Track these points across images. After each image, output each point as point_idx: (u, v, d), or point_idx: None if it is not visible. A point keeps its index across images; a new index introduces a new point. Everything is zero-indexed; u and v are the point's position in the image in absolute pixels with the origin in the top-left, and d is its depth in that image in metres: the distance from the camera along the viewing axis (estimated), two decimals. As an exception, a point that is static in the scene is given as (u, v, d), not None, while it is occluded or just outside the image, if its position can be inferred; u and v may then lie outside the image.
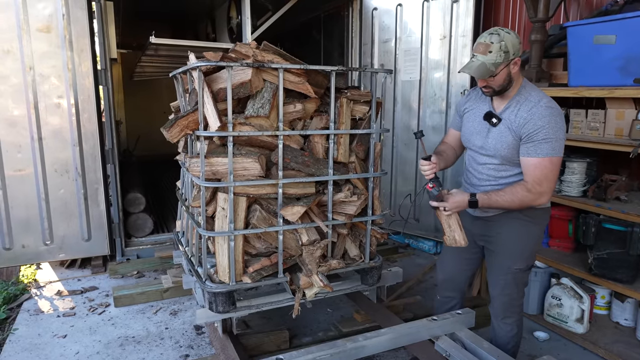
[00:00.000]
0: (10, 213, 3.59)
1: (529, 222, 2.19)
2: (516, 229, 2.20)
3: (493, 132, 2.14)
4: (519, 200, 2.04)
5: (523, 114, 2.04)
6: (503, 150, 2.11)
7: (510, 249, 2.24)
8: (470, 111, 2.30)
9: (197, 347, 2.88)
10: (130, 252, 4.20)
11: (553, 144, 1.98)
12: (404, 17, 4.39)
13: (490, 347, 2.38)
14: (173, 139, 2.40)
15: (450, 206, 2.14)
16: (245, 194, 2.34)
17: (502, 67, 2.01)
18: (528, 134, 2.01)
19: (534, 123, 1.99)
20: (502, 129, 2.11)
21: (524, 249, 2.24)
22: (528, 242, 2.24)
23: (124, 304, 3.37)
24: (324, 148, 2.52)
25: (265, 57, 2.35)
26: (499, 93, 2.10)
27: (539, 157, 2.00)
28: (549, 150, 1.99)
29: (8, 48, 3.44)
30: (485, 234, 2.32)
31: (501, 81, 2.04)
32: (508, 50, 1.99)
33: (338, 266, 2.57)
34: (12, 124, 3.51)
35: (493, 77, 2.03)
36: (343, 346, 2.26)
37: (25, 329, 3.06)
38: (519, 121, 2.05)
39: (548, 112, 2.00)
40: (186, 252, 2.89)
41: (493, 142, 2.14)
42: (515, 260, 2.24)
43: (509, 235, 2.22)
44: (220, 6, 5.56)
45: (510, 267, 2.25)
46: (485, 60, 2.00)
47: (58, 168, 3.70)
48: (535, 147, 2.00)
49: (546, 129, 1.97)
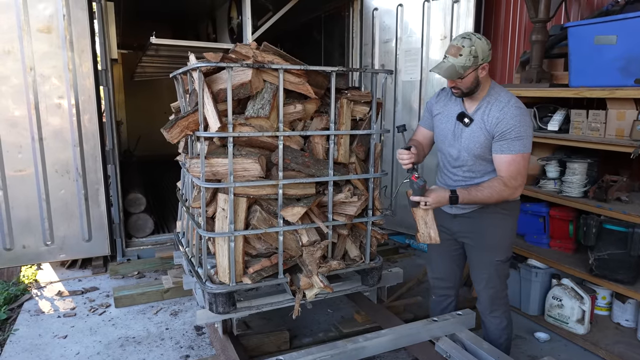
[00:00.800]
0: (11, 213, 3.60)
1: (506, 215, 2.29)
2: (495, 222, 2.28)
3: (466, 132, 2.23)
4: (497, 195, 2.13)
5: (495, 113, 2.14)
6: (476, 150, 2.20)
7: (491, 242, 2.32)
8: (441, 113, 2.37)
9: (197, 347, 2.88)
10: (131, 253, 4.20)
11: (524, 141, 2.10)
12: (405, 18, 4.39)
13: (490, 348, 2.38)
14: (173, 139, 2.40)
15: (431, 201, 2.15)
16: (245, 194, 2.34)
17: (470, 71, 2.11)
18: (501, 133, 2.11)
19: (506, 122, 2.09)
20: (475, 128, 2.20)
21: (503, 241, 2.33)
22: (506, 234, 2.33)
23: (124, 304, 3.38)
24: (324, 149, 2.52)
25: (266, 58, 2.35)
26: (467, 94, 2.20)
27: (512, 153, 2.10)
28: (520, 147, 2.09)
29: (9, 49, 3.44)
30: (465, 230, 2.37)
31: (469, 83, 2.15)
32: (477, 55, 2.09)
33: (338, 267, 2.57)
34: (12, 124, 3.52)
35: (461, 79, 2.13)
36: (343, 347, 2.26)
37: (25, 329, 3.07)
38: (491, 120, 2.14)
39: (518, 112, 2.11)
40: (186, 253, 2.89)
41: (466, 142, 2.23)
42: (496, 252, 2.32)
43: (489, 229, 2.30)
44: (220, 6, 5.56)
45: (492, 259, 2.33)
46: (455, 62, 2.09)
47: (59, 168, 3.70)
48: (509, 145, 2.10)
49: (518, 128, 2.08)
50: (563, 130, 3.15)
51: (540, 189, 3.21)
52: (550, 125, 3.20)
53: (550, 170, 3.18)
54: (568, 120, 3.13)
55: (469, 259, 2.46)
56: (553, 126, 3.19)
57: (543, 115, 3.32)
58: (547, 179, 3.19)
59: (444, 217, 2.40)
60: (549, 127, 3.21)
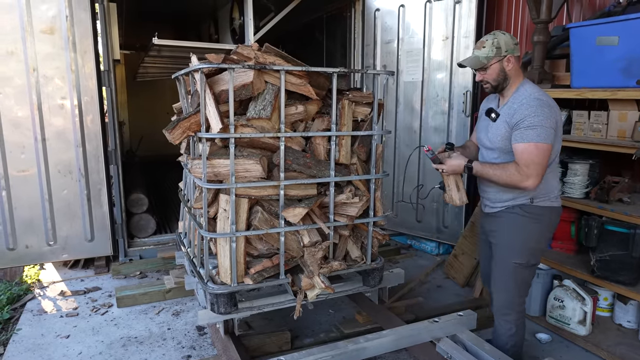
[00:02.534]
0: (14, 213, 3.61)
1: (528, 218, 2.29)
2: (514, 223, 2.32)
3: (492, 127, 2.32)
4: (507, 176, 2.17)
5: (514, 106, 2.21)
6: (499, 142, 2.27)
7: (509, 242, 2.35)
8: (481, 111, 2.48)
9: (199, 347, 2.88)
10: (133, 253, 4.21)
11: (538, 131, 2.11)
12: (407, 18, 4.39)
13: (491, 349, 2.38)
14: (175, 140, 2.41)
15: (447, 168, 2.34)
16: (247, 195, 2.35)
17: (494, 62, 2.22)
18: (516, 122, 2.17)
19: (520, 112, 2.16)
20: (499, 123, 2.28)
21: (521, 244, 2.33)
22: (526, 237, 2.32)
23: (126, 304, 3.39)
24: (326, 150, 2.52)
25: (267, 59, 2.36)
26: (497, 89, 2.29)
27: (524, 142, 2.14)
28: (533, 136, 2.11)
29: (12, 49, 3.45)
30: (492, 229, 2.44)
31: (495, 75, 2.24)
32: (500, 47, 2.21)
33: (340, 267, 2.57)
34: (16, 124, 3.53)
35: (485, 71, 2.25)
36: (344, 347, 2.27)
37: (28, 329, 3.08)
38: (510, 113, 2.21)
39: (535, 102, 2.15)
40: (188, 253, 2.90)
41: (492, 136, 2.31)
42: (512, 253, 2.34)
43: (508, 229, 2.34)
44: (222, 7, 5.58)
45: (509, 260, 2.35)
46: (479, 54, 2.24)
47: (61, 169, 3.71)
48: (521, 134, 2.15)
49: (531, 117, 2.12)
50: (565, 131, 3.15)
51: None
52: (552, 126, 3.20)
53: (551, 171, 3.18)
54: (570, 121, 3.13)
55: (493, 259, 2.46)
56: (555, 127, 3.18)
57: (545, 116, 3.31)
58: (549, 180, 3.18)
59: (481, 215, 2.57)
60: (551, 128, 3.20)
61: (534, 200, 2.27)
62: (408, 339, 2.47)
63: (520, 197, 2.28)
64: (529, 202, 2.27)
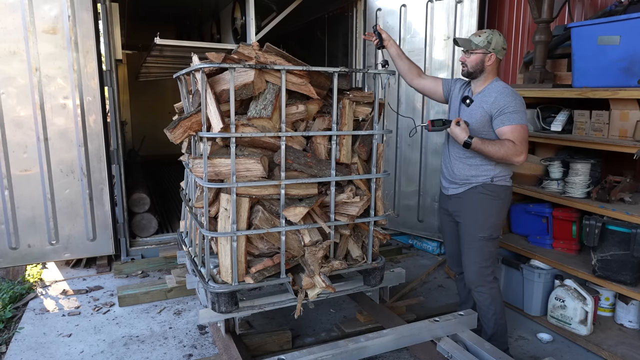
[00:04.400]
0: (16, 213, 3.63)
1: (492, 197, 2.54)
2: (478, 201, 2.55)
3: (466, 111, 2.56)
4: (504, 151, 2.37)
5: (493, 94, 2.46)
6: (472, 124, 2.48)
7: (475, 219, 2.57)
8: (454, 93, 2.70)
9: (200, 346, 2.89)
10: (135, 252, 4.22)
11: (521, 115, 2.41)
12: (408, 18, 4.39)
13: (491, 348, 2.39)
14: (176, 140, 2.41)
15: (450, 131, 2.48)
16: (247, 194, 2.35)
17: (480, 52, 2.46)
18: (499, 109, 2.41)
19: (502, 99, 2.41)
20: (474, 108, 2.52)
21: (486, 219, 2.56)
22: (490, 213, 2.56)
23: (128, 303, 3.40)
24: (327, 149, 2.53)
25: (268, 59, 2.36)
26: (470, 75, 2.53)
27: (512, 124, 2.39)
28: (518, 119, 2.39)
29: (14, 49, 3.47)
30: (457, 209, 2.65)
31: (474, 63, 2.49)
32: (490, 42, 2.46)
33: (340, 267, 2.58)
34: (18, 124, 3.55)
35: (469, 55, 2.48)
36: (345, 347, 2.27)
37: (30, 327, 3.09)
38: (489, 100, 2.46)
39: (512, 92, 2.46)
40: (190, 252, 2.91)
41: (465, 118, 2.52)
42: (479, 228, 2.56)
43: (473, 207, 2.57)
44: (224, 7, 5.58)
45: (475, 234, 2.57)
46: (473, 39, 2.50)
47: (63, 168, 3.73)
48: (509, 117, 2.40)
49: (513, 104, 2.40)
50: (566, 131, 3.15)
51: (544, 189, 3.20)
52: (554, 125, 3.20)
53: (553, 170, 3.18)
54: (571, 120, 3.13)
55: (460, 237, 2.67)
56: (556, 127, 3.19)
57: (546, 115, 3.32)
58: (550, 180, 3.18)
59: (443, 199, 2.77)
60: (552, 128, 3.21)
61: (494, 179, 2.52)
62: (409, 338, 2.47)
63: (482, 176, 2.52)
64: (490, 180, 2.52)
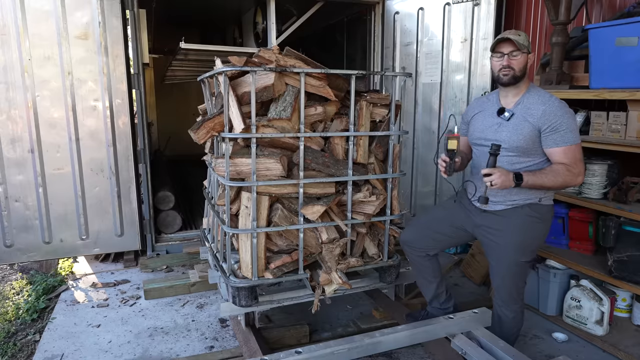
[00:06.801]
0: (49, 209, 3.81)
1: (535, 218, 2.33)
2: (526, 225, 2.33)
3: (507, 126, 2.29)
4: (562, 178, 2.18)
5: (539, 106, 2.22)
6: (519, 141, 2.24)
7: (519, 243, 2.37)
8: (478, 113, 2.47)
9: (221, 339, 3.00)
10: (160, 248, 4.37)
11: (575, 133, 2.20)
12: (426, 21, 4.43)
13: (505, 347, 2.40)
14: (200, 140, 2.52)
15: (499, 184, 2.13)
16: (267, 193, 2.44)
17: (525, 52, 2.24)
18: (551, 126, 2.18)
19: (554, 114, 2.18)
20: (517, 122, 2.26)
21: (531, 243, 2.39)
22: (535, 236, 2.39)
23: (153, 296, 3.53)
24: (344, 149, 2.60)
25: (288, 62, 2.45)
26: (515, 80, 2.26)
27: (568, 144, 2.19)
28: (575, 138, 2.19)
29: (49, 54, 3.65)
30: (492, 226, 2.41)
31: (522, 65, 2.24)
32: (529, 43, 2.26)
33: (357, 264, 2.64)
34: (52, 125, 3.73)
35: (516, 57, 2.22)
36: (360, 341, 2.31)
37: (62, 318, 3.25)
38: (536, 113, 2.22)
39: (562, 105, 2.22)
40: (212, 248, 3.01)
41: (507, 135, 2.27)
42: (522, 254, 2.39)
43: (515, 229, 2.34)
44: (246, 12, 5.71)
45: (518, 260, 2.39)
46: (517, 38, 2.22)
47: (93, 167, 3.90)
48: (563, 137, 2.18)
49: (567, 122, 2.18)
50: (583, 132, 3.14)
51: (560, 190, 3.21)
52: (571, 127, 3.20)
53: (570, 171, 3.18)
54: (588, 121, 3.12)
55: (490, 255, 2.49)
56: (573, 128, 3.18)
57: (563, 117, 3.31)
58: (567, 181, 3.18)
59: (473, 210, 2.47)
60: (569, 129, 3.20)
61: (542, 200, 2.31)
62: (423, 335, 2.50)
63: (530, 197, 2.29)
64: (538, 201, 2.31)
